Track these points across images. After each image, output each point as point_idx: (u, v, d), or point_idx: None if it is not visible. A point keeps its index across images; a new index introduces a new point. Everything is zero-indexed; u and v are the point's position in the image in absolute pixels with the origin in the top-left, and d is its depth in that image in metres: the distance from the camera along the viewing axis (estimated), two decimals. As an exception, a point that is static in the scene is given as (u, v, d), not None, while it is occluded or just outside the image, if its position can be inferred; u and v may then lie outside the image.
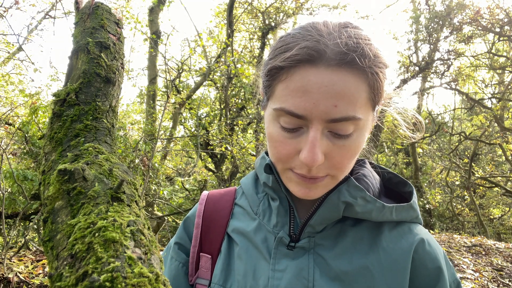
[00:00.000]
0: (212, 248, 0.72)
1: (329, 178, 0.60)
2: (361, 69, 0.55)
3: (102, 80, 0.66)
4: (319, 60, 0.55)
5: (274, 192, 0.69)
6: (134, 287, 0.35)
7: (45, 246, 0.44)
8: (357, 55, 0.54)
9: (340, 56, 0.54)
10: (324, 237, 0.66)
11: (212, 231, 0.74)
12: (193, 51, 6.45)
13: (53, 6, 5.71)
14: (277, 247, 0.65)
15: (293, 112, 0.56)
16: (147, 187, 4.58)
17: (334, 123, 0.55)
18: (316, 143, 0.55)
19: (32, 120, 3.96)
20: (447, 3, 7.84)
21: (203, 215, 0.76)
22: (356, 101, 0.55)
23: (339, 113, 0.54)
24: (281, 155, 0.60)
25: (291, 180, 0.62)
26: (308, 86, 0.55)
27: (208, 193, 0.81)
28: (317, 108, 0.54)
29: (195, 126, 8.49)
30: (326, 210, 0.64)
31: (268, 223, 0.69)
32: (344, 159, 0.58)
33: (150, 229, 0.47)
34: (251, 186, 0.76)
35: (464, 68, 9.27)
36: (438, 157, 12.00)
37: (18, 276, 2.84)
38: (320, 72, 0.54)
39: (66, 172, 0.46)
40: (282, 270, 0.63)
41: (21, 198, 3.57)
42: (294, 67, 0.56)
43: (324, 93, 0.54)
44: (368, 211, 0.64)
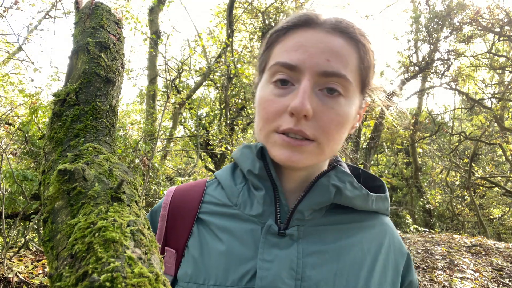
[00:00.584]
0: (178, 242, 0.67)
1: (315, 145, 0.59)
2: (352, 38, 0.60)
3: (102, 80, 0.66)
4: (315, 24, 0.60)
5: (259, 181, 0.65)
6: (134, 287, 0.35)
7: (45, 246, 0.44)
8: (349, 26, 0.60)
9: (335, 24, 0.60)
10: (312, 225, 0.64)
11: (179, 225, 0.68)
12: (193, 51, 6.45)
13: (53, 6, 5.71)
14: (265, 236, 0.62)
15: (286, 63, 0.59)
16: (147, 187, 4.58)
17: (325, 77, 0.57)
18: (307, 91, 0.57)
19: (32, 120, 3.96)
20: (447, 3, 7.84)
21: (169, 207, 0.70)
22: (347, 63, 0.58)
23: (330, 67, 0.57)
24: (269, 113, 0.60)
25: (275, 144, 0.61)
26: (304, 42, 0.59)
27: (176, 187, 0.76)
28: (310, 59, 0.57)
29: (195, 126, 8.49)
30: (317, 193, 0.63)
31: (250, 213, 0.65)
32: (332, 124, 0.58)
33: (150, 229, 0.47)
34: (229, 177, 0.72)
35: (464, 68, 9.27)
36: (438, 157, 12.00)
37: (18, 276, 2.84)
38: (316, 32, 0.59)
39: (66, 172, 0.46)
40: (270, 261, 0.59)
41: (21, 198, 3.57)
42: (293, 28, 0.61)
43: (319, 48, 0.58)
44: (355, 196, 0.65)
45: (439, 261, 4.73)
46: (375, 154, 11.01)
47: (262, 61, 0.68)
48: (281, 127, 0.59)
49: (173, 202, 0.71)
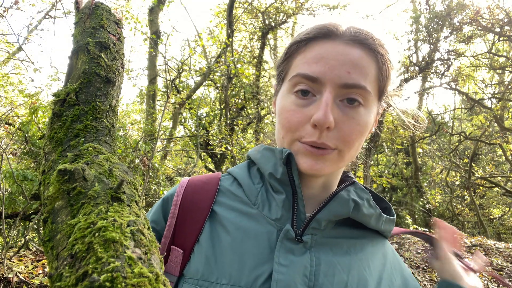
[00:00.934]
0: (186, 242, 0.65)
1: (336, 153, 0.61)
2: (372, 50, 0.61)
3: (102, 80, 0.66)
4: (335, 36, 0.62)
5: (280, 185, 0.66)
6: (134, 287, 0.35)
7: (45, 246, 0.44)
8: (368, 37, 0.61)
9: (354, 35, 0.61)
10: (324, 236, 0.65)
11: (189, 223, 0.67)
12: (193, 51, 6.45)
13: (53, 6, 5.71)
14: (282, 240, 0.62)
15: (308, 75, 0.60)
16: (147, 187, 4.58)
17: (346, 89, 0.59)
18: (329, 103, 0.58)
19: (32, 120, 3.96)
20: (447, 3, 7.84)
21: (180, 204, 0.68)
22: (366, 74, 0.60)
23: (351, 79, 0.59)
24: (292, 123, 0.62)
25: (299, 152, 0.63)
26: (324, 54, 0.60)
27: (189, 179, 0.74)
28: (331, 72, 0.59)
29: (195, 126, 8.49)
30: (336, 205, 0.64)
31: (269, 214, 0.65)
32: (353, 133, 0.60)
33: (150, 229, 0.47)
34: (246, 175, 0.72)
35: (464, 68, 9.27)
36: (438, 157, 12.00)
37: (18, 276, 2.84)
38: (336, 44, 0.61)
39: (66, 172, 0.46)
40: (286, 265, 0.60)
41: (21, 198, 3.57)
42: (313, 40, 0.63)
43: (339, 60, 0.59)
44: (370, 215, 0.66)
45: (439, 261, 4.71)
46: (375, 154, 11.02)
47: (281, 70, 0.69)
48: (303, 139, 0.61)
49: (185, 199, 0.69)
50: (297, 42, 0.65)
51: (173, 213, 0.68)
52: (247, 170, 0.74)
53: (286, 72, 0.67)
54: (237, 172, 0.74)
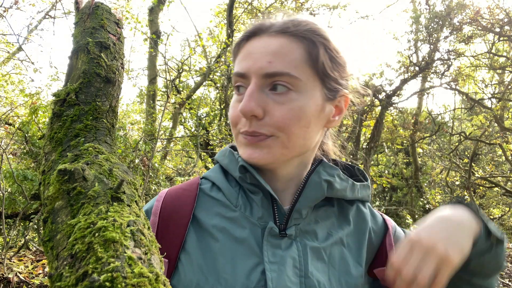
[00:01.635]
0: (169, 250, 0.64)
1: (272, 139, 0.62)
2: (297, 36, 0.63)
3: (102, 80, 0.66)
4: (262, 32, 0.65)
5: (253, 186, 0.67)
6: (134, 287, 0.35)
7: (45, 246, 0.44)
8: (292, 25, 0.64)
9: (279, 27, 0.64)
10: (306, 224, 0.68)
11: (171, 232, 0.66)
12: (193, 51, 6.45)
13: (53, 6, 5.71)
14: (267, 238, 0.63)
15: (238, 72, 0.65)
16: (147, 187, 4.58)
17: (270, 78, 0.62)
18: (251, 93, 0.61)
19: (32, 120, 3.96)
20: (447, 3, 7.84)
21: (159, 213, 0.67)
22: (290, 60, 0.61)
23: (272, 67, 0.61)
24: (232, 118, 0.66)
25: (241, 144, 0.66)
26: (251, 50, 0.65)
27: (168, 189, 0.74)
28: (254, 65, 0.62)
29: (195, 126, 8.49)
30: (310, 190, 0.66)
31: (251, 215, 0.66)
32: (285, 119, 0.61)
33: (150, 229, 0.47)
34: (223, 179, 0.72)
35: (464, 68, 9.27)
36: (438, 157, 12.00)
37: (18, 276, 2.84)
38: (261, 39, 0.64)
39: (66, 172, 0.46)
40: (276, 262, 0.61)
41: (21, 198, 3.57)
42: (245, 41, 0.67)
43: (261, 52, 0.63)
44: (344, 188, 0.69)
45: (439, 261, 4.72)
46: (375, 154, 11.02)
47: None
48: (240, 130, 0.65)
49: (164, 208, 0.68)
50: (234, 48, 0.70)
51: (153, 222, 0.67)
52: (222, 174, 0.74)
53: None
54: (214, 177, 0.74)
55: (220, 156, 0.77)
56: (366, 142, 8.61)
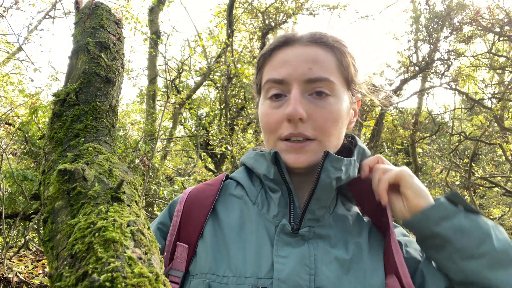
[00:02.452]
0: (190, 237, 0.70)
1: (316, 143, 0.67)
2: (328, 45, 0.69)
3: (102, 80, 0.66)
4: (293, 41, 0.70)
5: (275, 184, 0.70)
6: (134, 287, 0.35)
7: (45, 246, 0.44)
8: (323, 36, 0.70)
9: (310, 37, 0.70)
10: (322, 228, 0.69)
11: (193, 219, 0.71)
12: (193, 51, 6.45)
13: (53, 6, 5.71)
14: (279, 234, 0.66)
15: (275, 78, 0.68)
16: (147, 187, 4.58)
17: (311, 83, 0.66)
18: (297, 98, 0.65)
19: (32, 120, 3.96)
20: (447, 3, 7.84)
21: (185, 203, 0.74)
22: (326, 67, 0.68)
23: (313, 74, 0.66)
24: (271, 124, 0.69)
25: (282, 150, 0.68)
26: (286, 58, 0.69)
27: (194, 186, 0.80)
28: (295, 71, 0.67)
29: (195, 126, 8.49)
30: (321, 192, 0.67)
31: (267, 213, 0.70)
32: (327, 122, 0.66)
33: (150, 229, 0.47)
34: (247, 179, 0.78)
35: (464, 68, 9.27)
36: (438, 157, 12.00)
37: (18, 276, 2.84)
38: (296, 48, 0.69)
39: (66, 172, 0.46)
40: (285, 257, 0.64)
41: (21, 198, 3.57)
42: (276, 50, 0.71)
43: (299, 60, 0.67)
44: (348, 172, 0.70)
45: (439, 261, 4.71)
46: (375, 154, 11.00)
47: (256, 83, 0.78)
48: (283, 134, 0.67)
49: (189, 198, 0.75)
50: (263, 55, 0.74)
51: (178, 211, 0.73)
52: (247, 175, 0.79)
53: (260, 84, 0.75)
54: (239, 177, 0.79)
55: (246, 158, 0.81)
56: (366, 142, 8.61)
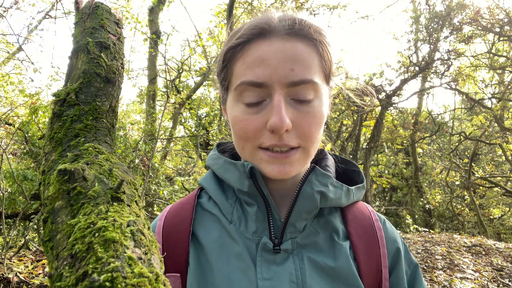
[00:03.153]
0: (178, 265, 0.64)
1: (301, 151, 0.60)
2: (308, 38, 0.59)
3: (102, 80, 0.66)
4: (269, 33, 0.59)
5: (250, 198, 0.64)
6: (134, 287, 0.35)
7: (45, 246, 0.44)
8: (303, 26, 0.59)
9: (288, 27, 0.59)
10: (305, 236, 0.64)
11: (176, 247, 0.65)
12: (193, 51, 6.45)
13: (53, 6, 5.71)
14: (261, 253, 0.62)
15: (253, 82, 0.57)
16: (147, 187, 4.58)
17: (294, 86, 0.57)
18: (282, 106, 0.56)
19: (32, 120, 3.96)
20: (447, 3, 7.84)
21: (162, 232, 0.68)
22: (310, 66, 0.58)
23: (296, 76, 0.57)
24: (249, 132, 0.59)
25: (262, 160, 0.61)
26: (263, 56, 0.58)
27: (169, 207, 0.74)
28: (276, 73, 0.57)
29: (195, 126, 8.49)
30: (302, 203, 0.63)
31: (246, 230, 0.64)
32: (311, 127, 0.59)
33: (150, 229, 0.47)
34: (218, 191, 0.70)
35: (464, 68, 9.27)
36: (438, 157, 12.00)
37: (18, 276, 2.84)
38: (272, 42, 0.58)
39: (66, 172, 0.46)
40: (270, 279, 0.59)
41: (21, 198, 3.57)
42: (248, 43, 0.60)
43: (279, 59, 0.57)
44: (338, 196, 0.65)
45: (439, 261, 4.73)
46: (375, 154, 11.01)
47: (223, 78, 0.66)
48: (263, 144, 0.59)
49: (166, 225, 0.69)
50: (231, 48, 0.62)
51: (158, 241, 0.66)
52: (217, 184, 0.71)
53: (229, 80, 0.64)
54: (209, 189, 0.71)
55: (212, 163, 0.73)
56: (366, 142, 8.60)
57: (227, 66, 0.64)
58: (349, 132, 8.81)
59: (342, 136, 9.08)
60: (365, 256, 0.65)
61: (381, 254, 0.66)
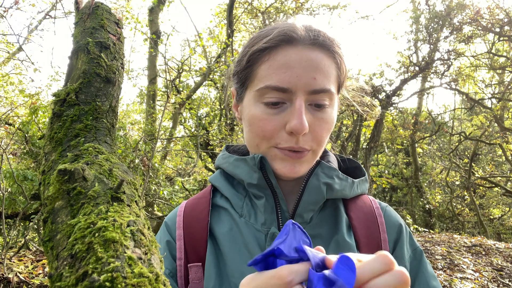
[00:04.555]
0: (199, 255, 0.69)
1: (311, 153, 0.65)
2: (330, 51, 0.65)
3: (102, 80, 0.66)
4: (296, 41, 0.64)
5: (259, 190, 0.68)
6: (134, 287, 0.35)
7: (45, 246, 0.44)
8: (326, 39, 0.65)
9: (313, 38, 0.64)
10: (311, 228, 0.68)
11: (196, 238, 0.70)
12: (193, 51, 6.45)
13: (53, 6, 5.71)
14: (269, 243, 0.66)
15: (278, 87, 0.62)
16: (147, 187, 4.58)
17: (315, 94, 0.63)
18: (303, 111, 0.61)
19: (32, 120, 3.96)
20: (447, 3, 7.84)
21: (183, 226, 0.73)
22: (329, 76, 0.64)
23: (318, 85, 0.62)
24: (266, 131, 0.64)
25: (276, 157, 0.65)
26: (290, 62, 0.62)
27: (185, 202, 0.78)
28: (300, 80, 0.61)
29: (195, 126, 8.49)
30: (310, 195, 0.67)
31: (255, 222, 0.68)
32: (323, 132, 0.65)
33: (150, 229, 0.47)
34: (228, 187, 0.75)
35: (464, 68, 9.27)
36: (438, 157, 11.99)
37: (18, 276, 2.84)
38: (299, 50, 0.63)
39: (66, 172, 0.46)
40: None
41: (21, 198, 3.57)
42: (276, 47, 0.64)
43: (304, 67, 0.62)
44: (343, 188, 0.70)
45: (439, 261, 4.73)
46: (375, 154, 11.01)
47: (243, 77, 0.70)
48: (280, 145, 0.64)
49: (185, 220, 0.73)
50: (259, 51, 0.66)
51: (179, 235, 0.72)
52: (227, 181, 0.76)
53: (251, 80, 0.67)
54: (220, 186, 0.76)
55: (223, 162, 0.77)
56: (366, 142, 8.60)
57: (251, 67, 0.67)
58: (349, 132, 8.82)
59: (342, 136, 9.09)
60: (366, 239, 0.69)
61: (381, 239, 0.70)
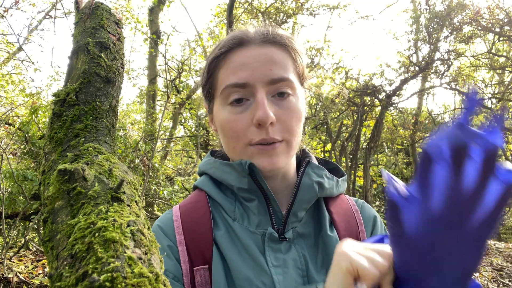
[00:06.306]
0: (206, 258, 0.67)
1: (284, 144, 0.67)
2: (281, 45, 0.69)
3: (102, 80, 0.66)
4: (248, 42, 0.68)
5: (250, 194, 0.69)
6: (134, 287, 0.35)
7: (45, 246, 0.44)
8: (275, 35, 0.69)
9: (263, 36, 0.68)
10: (302, 226, 0.71)
11: (201, 241, 0.69)
12: (193, 51, 6.45)
13: (53, 6, 5.71)
14: (268, 243, 0.67)
15: (237, 83, 0.65)
16: (147, 187, 4.58)
17: (274, 84, 0.66)
18: (264, 101, 0.64)
19: (32, 120, 3.96)
20: (447, 3, 7.84)
21: (183, 230, 0.70)
22: (285, 66, 0.67)
23: (275, 74, 0.65)
24: (238, 130, 0.66)
25: (253, 154, 0.67)
26: (244, 60, 0.66)
27: (178, 207, 0.76)
28: (256, 73, 0.65)
29: (195, 126, 8.49)
30: (304, 193, 0.69)
31: (249, 225, 0.69)
32: (292, 121, 0.66)
33: (150, 229, 0.47)
34: (218, 191, 0.74)
35: (464, 68, 9.27)
36: (438, 157, 11.97)
37: (18, 276, 2.84)
38: (251, 49, 0.68)
39: (66, 172, 0.46)
40: (279, 265, 0.65)
41: (21, 198, 3.57)
42: (230, 51, 0.69)
43: (259, 61, 0.66)
44: (331, 186, 0.73)
45: (439, 261, 4.72)
46: (375, 154, 11.01)
47: (208, 89, 0.74)
48: (253, 140, 0.66)
49: (185, 224, 0.71)
50: (215, 58, 0.70)
51: (180, 239, 0.69)
52: (215, 186, 0.75)
53: (214, 88, 0.71)
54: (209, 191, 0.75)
55: (208, 167, 0.77)
56: (366, 142, 8.61)
57: (211, 76, 0.71)
58: (349, 132, 8.82)
59: (342, 136, 9.09)
60: (346, 232, 0.72)
61: (359, 232, 0.73)
